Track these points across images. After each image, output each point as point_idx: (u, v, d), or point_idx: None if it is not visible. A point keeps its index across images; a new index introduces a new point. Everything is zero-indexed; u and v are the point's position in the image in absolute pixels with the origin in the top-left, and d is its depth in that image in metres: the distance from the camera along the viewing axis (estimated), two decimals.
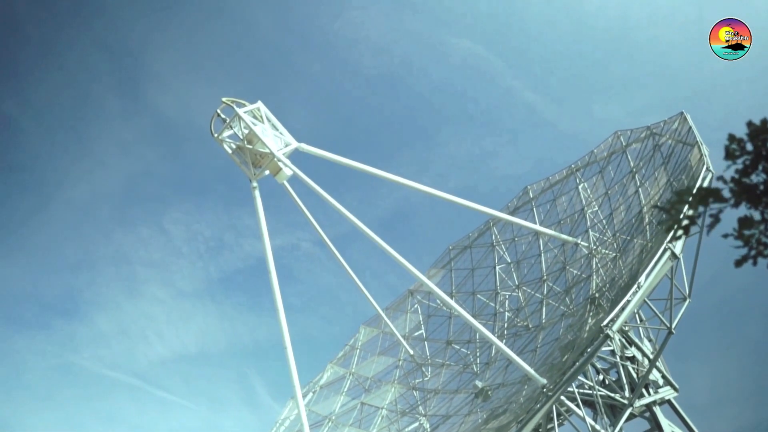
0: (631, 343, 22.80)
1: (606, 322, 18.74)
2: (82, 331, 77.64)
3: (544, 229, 30.28)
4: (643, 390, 22.18)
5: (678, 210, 5.34)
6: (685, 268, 21.07)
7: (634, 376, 21.99)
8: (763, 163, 5.13)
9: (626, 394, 21.25)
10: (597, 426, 19.85)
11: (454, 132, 79.43)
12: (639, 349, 22.83)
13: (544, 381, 19.07)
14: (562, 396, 18.59)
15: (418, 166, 77.28)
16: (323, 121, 78.59)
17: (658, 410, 22.59)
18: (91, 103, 74.13)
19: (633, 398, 21.02)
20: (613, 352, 22.17)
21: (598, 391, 20.57)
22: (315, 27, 75.40)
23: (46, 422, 68.45)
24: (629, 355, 22.64)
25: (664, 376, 23.38)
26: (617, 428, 20.12)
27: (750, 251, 5.29)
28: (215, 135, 23.20)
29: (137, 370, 76.36)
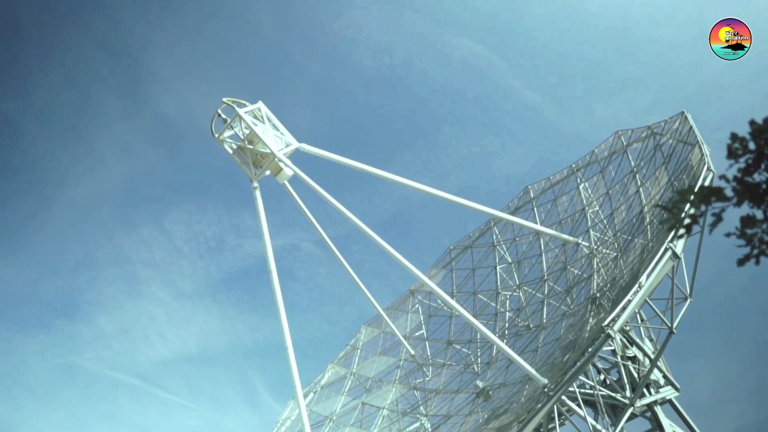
0: (632, 342, 22.78)
1: (607, 322, 18.74)
2: (83, 332, 77.74)
3: (545, 229, 30.27)
4: (645, 390, 22.15)
5: (680, 209, 5.33)
6: (686, 267, 21.08)
7: (636, 375, 21.97)
8: (766, 161, 5.13)
9: (627, 393, 21.24)
10: (598, 426, 19.83)
11: (455, 132, 79.52)
12: (640, 348, 22.81)
13: (545, 381, 19.06)
14: (563, 396, 18.57)
15: (418, 166, 77.34)
16: (324, 122, 78.70)
17: (659, 410, 22.56)
18: (91, 104, 74.25)
19: (634, 398, 21.00)
20: (614, 352, 22.17)
21: (600, 390, 20.56)
22: (315, 27, 75.51)
23: (47, 422, 68.60)
24: (630, 355, 22.62)
25: (666, 376, 23.35)
26: (618, 428, 20.10)
27: (752, 250, 5.29)
28: (216, 135, 23.21)
29: (138, 370, 76.43)
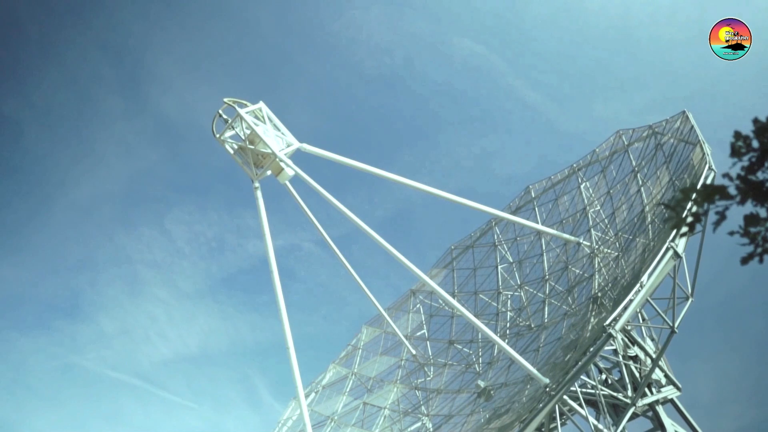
0: (633, 342, 22.76)
1: (608, 322, 18.73)
2: (85, 332, 77.82)
3: (546, 229, 30.26)
4: (646, 389, 22.13)
5: (683, 207, 5.32)
6: (687, 267, 21.05)
7: (637, 375, 21.96)
8: None
9: (629, 393, 21.23)
10: (600, 425, 19.81)
11: (455, 132, 79.49)
12: (641, 348, 22.79)
13: (546, 380, 19.04)
14: (564, 395, 18.56)
15: (419, 166, 77.37)
16: (324, 122, 78.69)
17: (660, 409, 22.54)
18: (92, 104, 74.34)
19: (636, 398, 20.99)
20: (616, 352, 22.17)
21: (601, 390, 20.54)
22: (316, 27, 75.51)
23: (48, 423, 68.67)
24: (632, 355, 22.61)
25: (667, 376, 23.33)
26: (620, 428, 20.08)
27: (756, 249, 5.27)
28: (217, 135, 23.19)
29: (140, 370, 76.48)
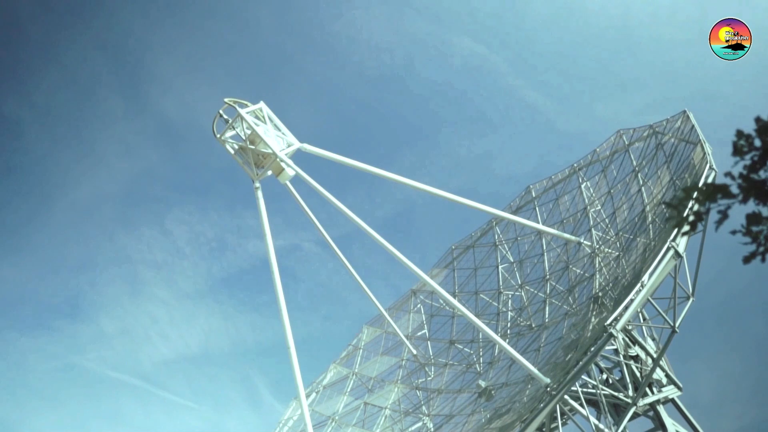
0: (634, 342, 22.77)
1: (609, 321, 18.71)
2: (85, 332, 77.82)
3: (547, 229, 30.25)
4: (647, 389, 22.14)
5: (685, 205, 5.32)
6: (688, 266, 21.05)
7: (638, 375, 21.96)
8: None
9: (630, 393, 21.22)
10: (601, 425, 19.80)
11: (456, 132, 79.52)
12: (642, 348, 22.80)
13: (547, 380, 19.03)
14: (565, 395, 18.55)
15: (419, 166, 77.39)
16: (325, 122, 78.67)
17: (661, 409, 22.53)
18: (92, 104, 74.33)
19: (637, 397, 20.98)
20: (617, 351, 22.16)
21: (602, 390, 20.53)
22: (316, 27, 75.48)
23: (49, 423, 68.70)
24: (633, 354, 22.61)
25: (668, 375, 23.32)
26: (621, 427, 20.09)
27: (758, 248, 5.27)
28: (218, 135, 23.19)
29: (140, 370, 76.47)
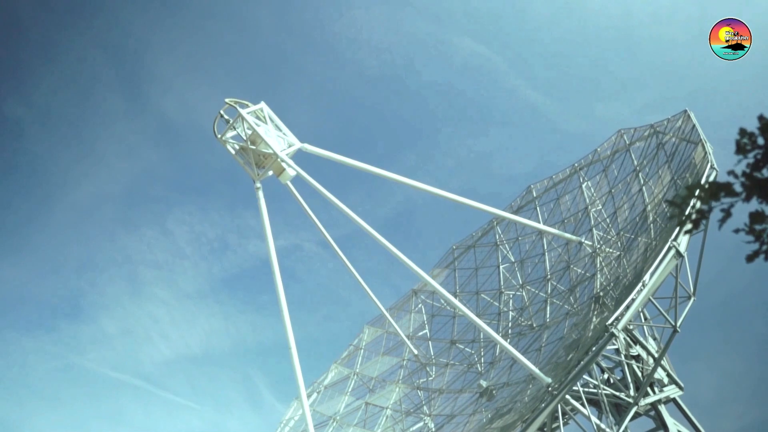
0: (635, 341, 22.75)
1: (611, 321, 18.69)
2: (86, 333, 77.86)
3: (548, 228, 30.24)
4: (648, 389, 22.13)
5: (687, 203, 5.31)
6: (689, 266, 21.03)
7: (639, 374, 21.95)
8: None
9: (631, 392, 21.22)
10: (602, 425, 19.80)
11: (455, 132, 79.46)
12: (644, 347, 22.78)
13: (548, 380, 19.01)
14: (567, 395, 18.54)
15: (420, 166, 77.33)
16: (325, 121, 78.65)
17: (663, 409, 22.52)
18: (93, 104, 74.32)
19: (638, 397, 20.97)
20: (618, 351, 22.15)
21: (603, 390, 20.53)
22: (316, 27, 75.45)
23: (49, 423, 68.69)
24: (634, 354, 22.60)
25: (669, 375, 23.31)
26: (622, 427, 20.08)
27: (761, 246, 5.25)
28: (218, 136, 23.18)
29: (141, 371, 76.51)
